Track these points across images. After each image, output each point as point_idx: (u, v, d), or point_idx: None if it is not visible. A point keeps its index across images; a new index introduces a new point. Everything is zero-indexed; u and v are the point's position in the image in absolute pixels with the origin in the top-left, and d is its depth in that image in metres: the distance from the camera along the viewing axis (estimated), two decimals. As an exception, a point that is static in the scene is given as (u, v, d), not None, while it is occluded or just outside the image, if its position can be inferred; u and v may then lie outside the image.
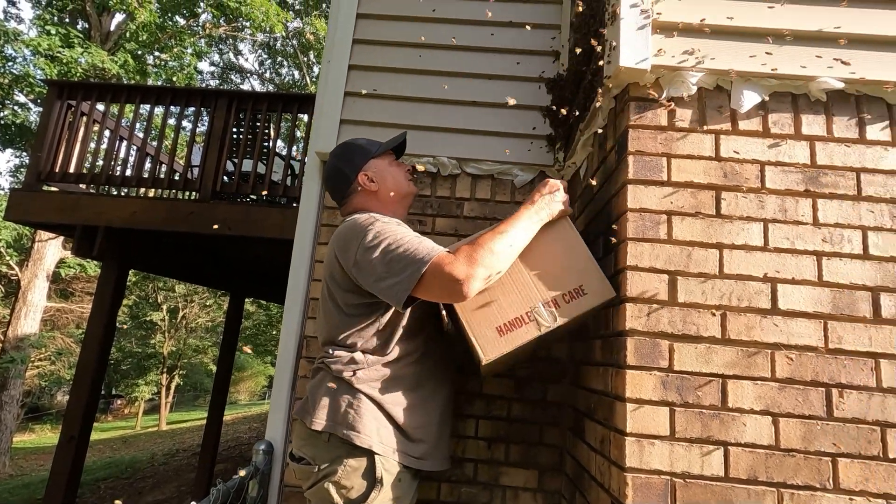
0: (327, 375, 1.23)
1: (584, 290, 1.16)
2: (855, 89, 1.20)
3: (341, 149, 1.40)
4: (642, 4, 1.22)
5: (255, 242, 3.96)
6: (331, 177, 1.39)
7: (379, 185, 1.34)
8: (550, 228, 1.21)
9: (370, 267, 1.14)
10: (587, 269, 1.18)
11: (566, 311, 1.15)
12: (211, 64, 18.69)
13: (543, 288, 1.17)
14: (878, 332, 1.09)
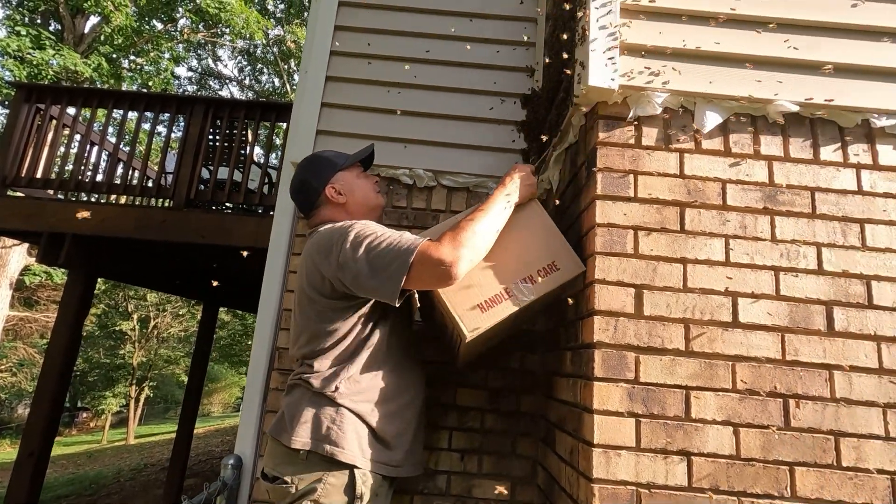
0: (306, 392, 1.21)
1: (556, 265, 1.23)
2: (809, 112, 1.26)
3: (308, 161, 1.40)
4: (610, 27, 1.26)
5: (230, 251, 3.90)
6: (298, 190, 1.38)
7: (347, 198, 1.35)
8: (521, 210, 1.28)
9: (357, 267, 1.14)
10: (558, 246, 1.25)
11: (541, 286, 1.21)
12: (189, 69, 18.33)
13: (519, 266, 1.23)
14: (831, 345, 1.14)
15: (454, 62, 1.98)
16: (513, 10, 2.04)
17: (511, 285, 1.21)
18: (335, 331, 1.21)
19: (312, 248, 1.25)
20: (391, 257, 1.12)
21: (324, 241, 1.22)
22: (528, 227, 1.27)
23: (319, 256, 1.21)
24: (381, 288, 1.12)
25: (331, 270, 1.18)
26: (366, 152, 1.45)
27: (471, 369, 1.77)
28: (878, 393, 1.11)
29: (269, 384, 1.78)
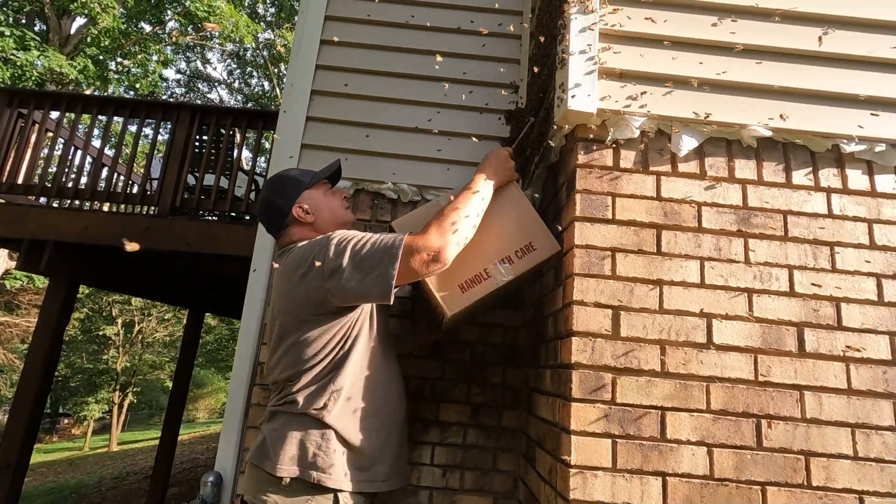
0: (290, 415, 1.19)
1: (533, 246, 1.30)
2: (782, 137, 1.30)
3: (273, 182, 1.39)
4: (589, 51, 1.29)
5: (217, 259, 3.87)
6: (264, 211, 1.38)
7: (315, 217, 1.34)
8: (500, 192, 1.33)
9: (346, 273, 1.14)
10: (535, 227, 1.31)
11: (519, 265, 1.28)
12: (177, 72, 18.21)
13: (497, 246, 1.29)
14: (802, 366, 1.16)
15: (438, 77, 2.00)
16: (497, 27, 2.06)
17: (490, 266, 1.28)
18: (318, 347, 1.20)
19: (289, 267, 1.24)
20: (379, 256, 1.14)
21: (302, 257, 1.22)
22: (506, 208, 1.33)
23: (299, 273, 1.20)
24: (374, 288, 1.13)
25: (316, 283, 1.17)
26: (331, 168, 1.44)
27: (452, 384, 1.77)
28: (846, 413, 1.14)
29: (250, 399, 1.77)
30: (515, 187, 1.36)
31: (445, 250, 1.16)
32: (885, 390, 1.15)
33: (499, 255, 1.29)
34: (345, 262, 1.15)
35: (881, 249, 1.24)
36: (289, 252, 1.30)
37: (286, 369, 1.22)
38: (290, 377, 1.22)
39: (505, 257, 1.29)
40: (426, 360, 1.78)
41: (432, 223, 1.19)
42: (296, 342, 1.21)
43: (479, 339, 1.82)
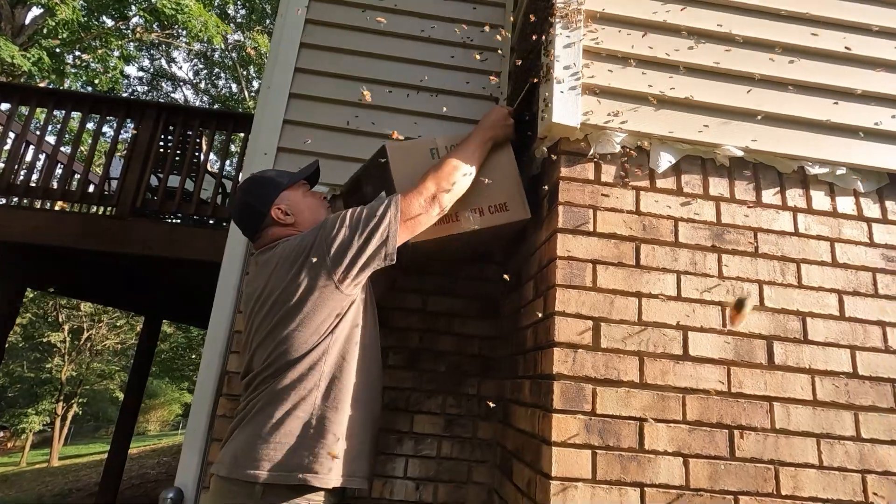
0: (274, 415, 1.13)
1: (506, 206, 1.40)
2: (753, 157, 1.36)
3: (249, 183, 1.36)
4: (574, 67, 1.31)
5: (180, 264, 3.72)
6: (240, 213, 1.35)
7: (296, 218, 1.32)
8: (496, 150, 1.43)
9: (351, 243, 1.16)
10: (514, 191, 1.41)
11: (487, 219, 1.38)
12: (140, 69, 17.56)
13: (475, 197, 1.36)
14: (771, 378, 1.20)
15: (420, 86, 2.00)
16: (480, 39, 2.09)
17: (462, 211, 1.36)
18: (308, 339, 1.16)
19: (282, 259, 1.21)
20: (380, 214, 1.18)
21: (299, 246, 1.19)
22: (493, 165, 1.41)
23: (298, 262, 1.17)
24: (381, 246, 1.17)
25: (319, 267, 1.15)
26: (310, 169, 1.43)
27: (427, 395, 1.75)
28: (812, 424, 1.18)
29: (216, 411, 1.69)
30: (510, 149, 1.45)
31: (442, 196, 1.25)
32: (847, 402, 1.21)
33: (472, 205, 1.37)
34: (345, 233, 1.17)
35: (842, 267, 1.31)
36: (272, 249, 1.26)
37: (270, 366, 1.16)
38: (274, 372, 1.16)
39: (477, 208, 1.37)
40: (401, 370, 1.76)
41: (429, 172, 1.27)
42: (283, 336, 1.16)
43: (454, 349, 1.81)
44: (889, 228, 1.36)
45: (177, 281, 4.79)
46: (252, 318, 1.24)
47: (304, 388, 1.14)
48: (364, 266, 1.18)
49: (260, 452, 1.09)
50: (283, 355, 1.16)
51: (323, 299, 1.16)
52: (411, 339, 1.80)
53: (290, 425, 1.12)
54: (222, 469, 1.13)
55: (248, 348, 1.24)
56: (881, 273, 1.31)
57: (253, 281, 1.30)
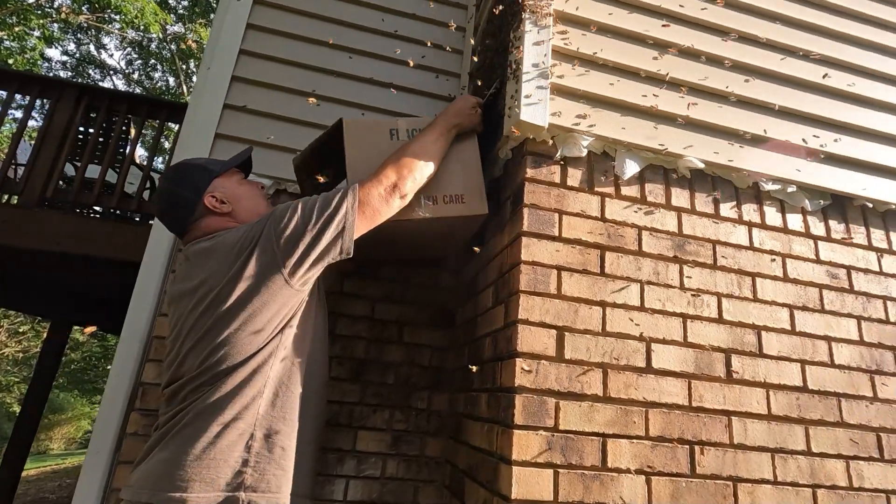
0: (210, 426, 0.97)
1: (463, 199, 1.31)
2: (712, 171, 1.36)
3: (175, 171, 1.22)
4: (543, 66, 1.26)
5: (95, 263, 3.34)
6: (167, 203, 1.19)
7: (233, 206, 1.19)
8: (459, 140, 1.35)
9: (303, 232, 1.05)
10: (474, 185, 1.33)
11: (440, 209, 1.29)
12: (64, 53, 16.14)
13: (431, 185, 1.28)
14: (730, 391, 1.19)
15: (377, 81, 1.90)
16: (441, 38, 2.02)
17: (415, 198, 1.25)
18: (252, 343, 1.02)
19: (221, 252, 1.07)
20: (336, 203, 1.09)
21: (244, 236, 1.07)
22: (456, 155, 1.34)
23: (241, 255, 1.04)
24: (336, 237, 1.07)
25: (267, 259, 1.04)
26: (243, 156, 1.29)
27: (373, 410, 1.62)
28: (767, 438, 1.17)
29: (126, 427, 1.47)
30: (474, 140, 1.38)
31: (404, 186, 1.17)
32: (798, 416, 1.21)
33: (427, 192, 1.28)
34: (296, 220, 1.06)
35: (792, 282, 1.33)
36: (207, 241, 1.11)
37: (206, 371, 1.00)
38: (211, 378, 1.00)
39: (431, 196, 1.29)
40: (345, 382, 1.61)
41: (390, 160, 1.19)
42: (224, 337, 1.01)
43: (404, 360, 1.69)
44: (832, 246, 1.40)
45: (92, 282, 4.32)
46: (183, 318, 1.07)
47: (246, 395, 1.00)
48: (317, 259, 1.06)
49: (190, 471, 0.93)
50: (224, 359, 1.00)
51: (271, 295, 1.03)
52: (357, 349, 1.66)
53: (228, 438, 0.96)
54: (139, 493, 0.94)
55: (176, 354, 1.06)
56: (826, 289, 1.35)
57: (183, 278, 1.13)
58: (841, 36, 1.58)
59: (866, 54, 1.58)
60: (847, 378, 1.27)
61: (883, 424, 1.26)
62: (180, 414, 1.00)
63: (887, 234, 1.46)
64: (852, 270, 1.39)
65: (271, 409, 1.03)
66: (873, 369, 1.30)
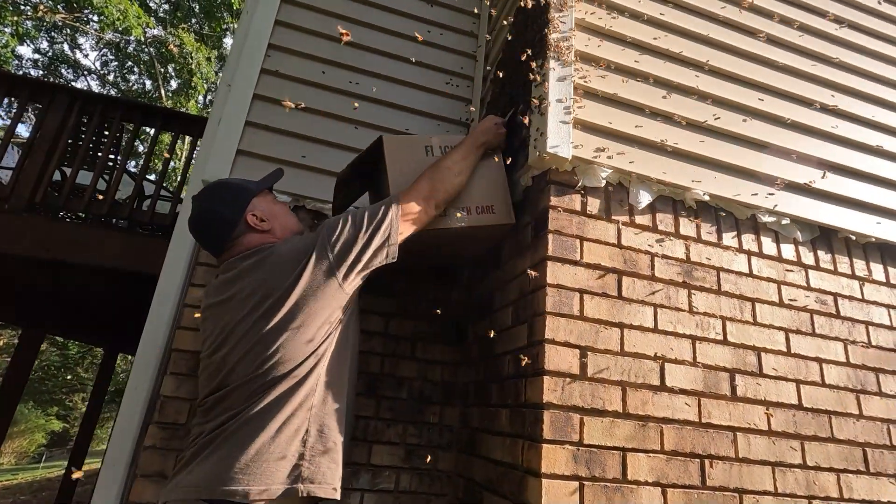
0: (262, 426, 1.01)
1: (493, 209, 1.43)
2: (715, 203, 1.47)
3: (213, 190, 1.28)
4: (566, 101, 1.36)
5: (80, 270, 3.27)
6: (206, 221, 1.24)
7: (272, 224, 1.26)
8: (485, 156, 1.48)
9: (355, 238, 1.15)
10: (501, 195, 1.45)
11: (474, 219, 1.41)
12: (36, 51, 15.66)
13: (464, 197, 1.41)
14: (735, 409, 1.28)
15: (395, 105, 1.97)
16: (452, 64, 2.11)
17: (451, 209, 1.38)
18: (310, 344, 1.09)
19: (275, 264, 1.14)
20: (381, 213, 1.19)
21: (298, 249, 1.14)
22: (484, 170, 1.47)
23: (298, 264, 1.11)
24: (384, 244, 1.17)
25: (323, 264, 1.12)
26: (275, 177, 1.37)
27: (387, 424, 1.66)
28: (768, 453, 1.27)
29: (142, 441, 1.46)
30: (499, 156, 1.50)
31: (439, 196, 1.29)
32: (795, 431, 1.31)
33: (461, 203, 1.40)
34: (348, 229, 1.15)
35: (787, 307, 1.44)
36: (253, 257, 1.17)
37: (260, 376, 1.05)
38: (269, 382, 1.05)
39: (465, 207, 1.40)
40: (360, 396, 1.65)
41: (427, 174, 1.31)
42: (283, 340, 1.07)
43: (417, 375, 1.74)
44: (821, 275, 1.53)
45: (76, 288, 4.20)
46: (228, 329, 1.11)
47: (300, 394, 1.06)
48: (368, 262, 1.16)
49: (251, 467, 0.97)
50: (278, 364, 1.06)
51: (326, 299, 1.11)
52: (372, 364, 1.70)
53: (285, 434, 1.03)
54: (191, 493, 0.97)
55: (221, 363, 1.09)
56: (817, 314, 1.47)
57: (223, 291, 1.17)
58: (826, 82, 1.73)
59: (848, 99, 1.73)
60: (836, 397, 1.39)
61: (868, 440, 1.37)
62: (231, 420, 1.03)
63: (867, 265, 1.60)
64: (838, 297, 1.51)
65: (323, 406, 1.09)
66: (859, 388, 1.42)
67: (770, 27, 1.73)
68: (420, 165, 1.36)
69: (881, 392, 1.45)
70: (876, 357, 1.48)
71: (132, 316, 4.58)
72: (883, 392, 1.45)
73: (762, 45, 1.70)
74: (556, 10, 1.46)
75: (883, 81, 1.82)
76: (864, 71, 1.81)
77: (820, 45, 1.78)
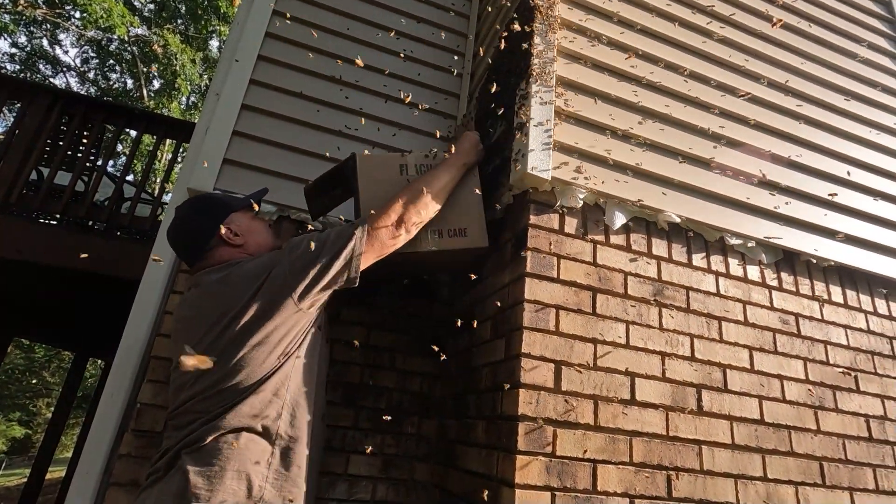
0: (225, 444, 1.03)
1: (465, 232, 1.42)
2: (686, 225, 1.54)
3: (195, 202, 1.33)
4: (547, 124, 1.42)
5: (54, 273, 3.21)
6: (183, 231, 1.28)
7: (245, 239, 1.29)
8: (463, 175, 1.46)
9: (314, 259, 1.14)
10: (475, 218, 1.45)
11: (446, 242, 1.40)
12: (13, 45, 15.30)
13: (437, 218, 1.38)
14: (700, 423, 1.34)
15: (383, 119, 2.01)
16: (441, 81, 2.16)
17: (423, 230, 1.36)
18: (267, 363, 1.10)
19: (239, 279, 1.15)
20: (347, 235, 1.18)
21: (260, 266, 1.16)
22: (459, 191, 1.45)
23: (258, 280, 1.13)
24: (343, 266, 1.16)
25: (281, 283, 1.12)
26: (259, 196, 1.42)
27: (365, 434, 1.67)
28: (731, 465, 1.33)
29: (116, 449, 1.45)
30: (476, 177, 1.49)
31: (411, 221, 1.27)
32: (757, 445, 1.38)
33: (433, 225, 1.38)
34: (309, 249, 1.15)
35: (752, 326, 1.52)
36: (222, 271, 1.19)
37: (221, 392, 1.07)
38: (226, 400, 1.06)
39: (438, 229, 1.39)
40: (339, 406, 1.66)
41: (401, 196, 1.29)
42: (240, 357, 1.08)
43: (396, 385, 1.76)
44: (784, 296, 1.61)
45: (46, 292, 4.10)
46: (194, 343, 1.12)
47: (266, 415, 1.07)
48: (327, 286, 1.16)
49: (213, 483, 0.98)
50: (239, 380, 1.07)
51: (282, 318, 1.12)
52: (352, 374, 1.72)
53: (248, 454, 1.03)
54: None
55: (185, 381, 1.10)
56: (779, 333, 1.55)
57: (192, 305, 1.19)
58: (791, 113, 1.83)
59: (811, 130, 1.84)
60: (796, 412, 1.46)
61: (825, 454, 1.44)
62: (194, 435, 1.04)
63: (827, 287, 1.69)
64: (799, 317, 1.60)
65: (289, 429, 1.10)
66: (817, 405, 1.50)
67: (743, 60, 1.83)
68: (394, 186, 1.35)
69: (838, 408, 1.52)
70: (833, 375, 1.56)
71: (107, 320, 4.49)
72: (839, 408, 1.53)
73: (733, 74, 1.79)
74: (538, 36, 1.52)
75: (848, 115, 1.94)
76: (826, 103, 1.92)
77: (787, 77, 1.89)
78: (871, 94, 2.04)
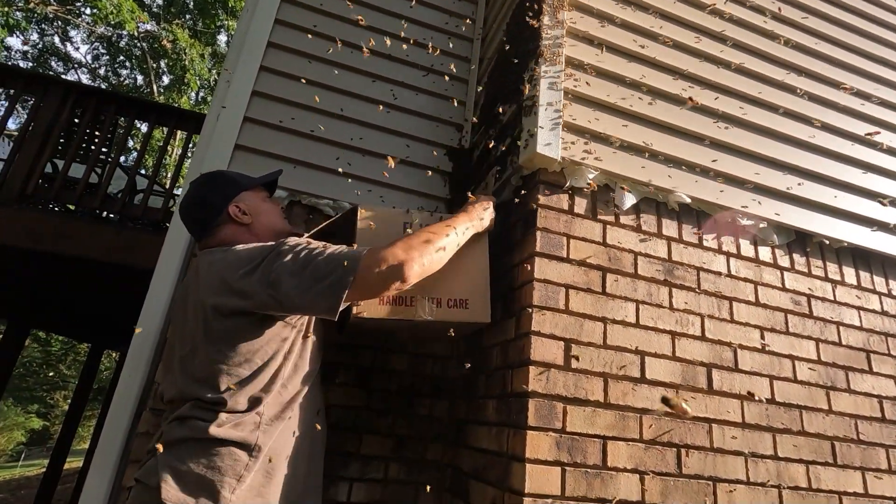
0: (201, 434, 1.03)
1: (467, 304, 1.31)
2: (696, 205, 1.54)
3: (207, 178, 1.31)
4: (556, 105, 1.42)
5: (70, 262, 3.27)
6: (193, 205, 1.27)
7: (252, 219, 1.27)
8: (470, 241, 1.32)
9: (294, 278, 1.06)
10: (480, 290, 1.34)
11: (443, 313, 1.29)
12: (25, 43, 15.48)
13: (437, 285, 1.28)
14: (711, 401, 1.34)
15: (391, 104, 2.01)
16: (449, 67, 2.16)
17: (419, 297, 1.27)
18: (247, 354, 1.09)
19: (222, 265, 1.13)
20: (339, 260, 1.07)
21: (249, 257, 1.12)
22: (466, 256, 1.31)
23: (243, 271, 1.09)
24: (322, 295, 1.05)
25: (258, 287, 1.07)
26: (272, 176, 1.40)
27: (377, 415, 1.69)
28: (741, 444, 1.33)
29: (135, 426, 1.49)
30: (484, 243, 1.39)
31: (410, 266, 1.09)
32: (767, 424, 1.38)
33: (432, 293, 1.28)
34: (295, 267, 1.07)
35: (763, 307, 1.51)
36: (222, 252, 1.17)
37: (203, 381, 1.07)
38: (207, 391, 1.07)
39: (436, 298, 1.29)
40: (352, 387, 1.69)
41: (402, 241, 1.14)
42: (219, 350, 1.08)
43: (408, 368, 1.78)
44: (796, 277, 1.60)
45: (65, 281, 4.18)
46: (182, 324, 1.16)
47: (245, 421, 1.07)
48: (298, 311, 1.12)
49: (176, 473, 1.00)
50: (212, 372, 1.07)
51: (262, 323, 1.11)
52: (364, 357, 1.74)
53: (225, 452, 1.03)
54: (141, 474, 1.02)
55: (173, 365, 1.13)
56: (790, 314, 1.54)
57: (195, 282, 1.18)
58: (806, 93, 1.81)
59: (825, 111, 1.81)
60: (807, 393, 1.46)
61: (836, 434, 1.44)
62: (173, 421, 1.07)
63: (840, 268, 1.68)
64: (811, 298, 1.59)
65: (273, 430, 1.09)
66: (828, 385, 1.49)
67: (754, 40, 1.81)
68: None
69: (850, 389, 1.52)
70: (846, 356, 1.55)
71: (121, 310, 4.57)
72: (852, 389, 1.52)
73: (744, 55, 1.77)
74: (547, 17, 1.52)
75: (861, 95, 1.91)
76: (837, 82, 1.89)
77: (800, 59, 1.86)
78: (885, 74, 2.01)
